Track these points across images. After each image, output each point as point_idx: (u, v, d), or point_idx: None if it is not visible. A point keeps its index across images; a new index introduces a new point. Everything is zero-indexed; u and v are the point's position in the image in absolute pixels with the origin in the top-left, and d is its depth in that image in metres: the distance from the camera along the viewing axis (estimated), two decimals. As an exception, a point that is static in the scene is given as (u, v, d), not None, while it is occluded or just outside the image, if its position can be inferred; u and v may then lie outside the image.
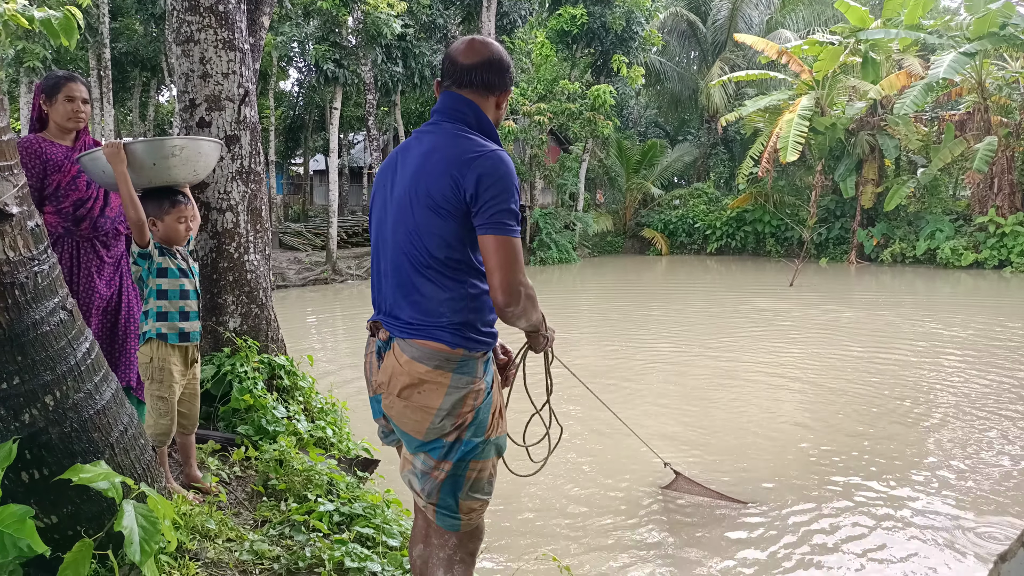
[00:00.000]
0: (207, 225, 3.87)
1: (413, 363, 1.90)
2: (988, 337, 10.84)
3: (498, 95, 2.01)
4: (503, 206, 1.84)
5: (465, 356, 1.91)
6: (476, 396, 1.93)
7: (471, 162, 1.85)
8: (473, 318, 1.92)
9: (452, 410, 1.90)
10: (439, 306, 1.90)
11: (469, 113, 1.97)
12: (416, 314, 1.92)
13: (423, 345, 1.90)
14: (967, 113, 21.75)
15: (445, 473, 1.93)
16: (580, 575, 3.73)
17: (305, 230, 24.52)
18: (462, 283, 1.91)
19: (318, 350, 10.17)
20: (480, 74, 1.97)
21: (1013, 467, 5.45)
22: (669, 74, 30.59)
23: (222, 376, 3.67)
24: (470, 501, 1.96)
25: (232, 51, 3.93)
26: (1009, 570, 1.04)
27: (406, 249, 1.92)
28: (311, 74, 25.40)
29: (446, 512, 1.96)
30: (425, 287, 1.90)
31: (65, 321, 2.15)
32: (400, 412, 1.94)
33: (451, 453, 1.92)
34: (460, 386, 1.90)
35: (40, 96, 3.24)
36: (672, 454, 5.48)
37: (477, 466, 1.95)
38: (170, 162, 2.85)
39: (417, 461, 1.97)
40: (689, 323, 12.95)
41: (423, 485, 1.96)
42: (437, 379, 1.89)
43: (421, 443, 1.94)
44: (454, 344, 1.89)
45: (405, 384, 1.92)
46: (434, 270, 1.89)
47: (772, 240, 26.01)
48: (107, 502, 2.13)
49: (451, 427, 1.90)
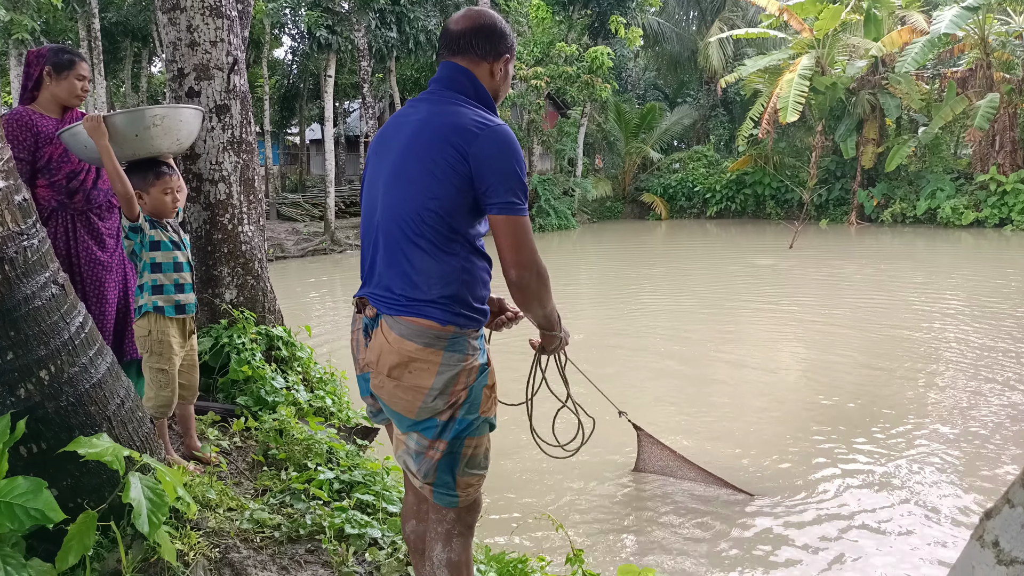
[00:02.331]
0: (199, 197, 3.84)
1: (402, 341, 1.86)
2: (991, 296, 10.84)
3: (491, 61, 1.97)
4: (512, 185, 1.83)
5: (456, 333, 1.86)
6: (469, 374, 1.88)
7: (476, 136, 1.81)
8: (464, 293, 1.88)
9: (444, 389, 1.86)
10: (429, 278, 1.85)
11: (466, 81, 1.94)
12: (406, 287, 1.87)
13: (412, 322, 1.86)
14: (969, 70, 21.47)
15: (440, 452, 1.89)
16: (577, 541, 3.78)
17: (302, 200, 24.42)
18: (455, 254, 1.86)
19: (317, 320, 10.19)
20: (470, 39, 1.95)
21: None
22: (668, 35, 30.15)
23: (220, 348, 3.68)
24: (467, 477, 1.93)
25: (219, 18, 3.86)
26: (995, 527, 1.04)
27: (399, 218, 1.87)
28: (304, 41, 25.02)
29: (444, 491, 1.92)
30: (417, 257, 1.85)
31: (57, 295, 2.15)
32: (391, 392, 1.90)
33: (445, 432, 1.88)
34: (452, 364, 1.86)
35: (44, 67, 3.21)
36: (669, 421, 5.52)
37: (472, 443, 1.92)
38: (152, 132, 2.81)
39: (410, 441, 1.93)
40: (689, 287, 12.96)
41: (418, 466, 1.92)
42: (428, 357, 1.85)
43: (413, 422, 1.89)
44: (444, 321, 1.85)
45: (394, 363, 1.87)
46: (427, 239, 1.84)
47: (772, 202, 25.89)
48: (108, 474, 2.15)
49: (444, 406, 1.86)
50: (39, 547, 1.97)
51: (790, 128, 24.74)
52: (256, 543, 2.44)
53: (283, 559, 2.42)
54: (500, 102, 2.08)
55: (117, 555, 2.06)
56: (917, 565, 3.61)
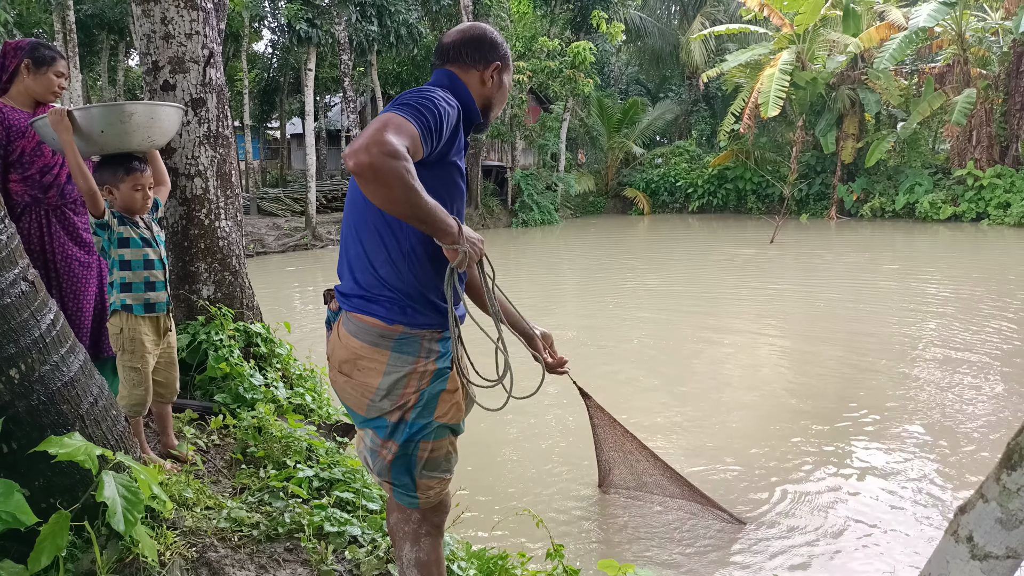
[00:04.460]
0: (176, 192, 3.79)
1: (350, 337, 1.83)
2: (970, 289, 10.99)
3: (481, 69, 2.00)
4: (406, 99, 1.70)
5: (405, 334, 1.80)
6: (422, 377, 1.81)
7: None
8: (419, 288, 1.81)
9: (391, 391, 1.80)
10: (380, 267, 1.80)
11: (446, 80, 1.98)
12: (360, 278, 1.83)
13: (359, 319, 1.82)
14: (947, 66, 21.73)
15: (392, 454, 1.84)
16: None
17: (283, 195, 24.18)
18: (405, 240, 1.79)
19: (297, 316, 10.12)
20: (460, 49, 2.00)
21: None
22: (650, 30, 30.23)
23: (197, 345, 3.63)
24: (427, 480, 1.88)
25: (195, 10, 3.80)
26: (969, 522, 1.05)
27: (359, 206, 1.86)
28: (284, 35, 24.79)
29: (403, 491, 1.89)
30: (369, 243, 1.81)
31: (27, 292, 2.10)
32: (342, 388, 1.89)
33: (396, 434, 1.83)
34: (399, 366, 1.80)
35: (23, 61, 3.14)
36: (651, 415, 5.53)
37: (428, 446, 1.85)
38: (120, 128, 2.74)
39: (366, 438, 1.90)
40: (670, 281, 13.01)
41: (373, 463, 1.90)
42: (373, 356, 1.80)
43: (364, 420, 1.87)
44: (390, 320, 1.79)
45: (343, 359, 1.85)
46: (374, 225, 1.80)
47: (753, 197, 26.07)
48: (81, 474, 2.11)
49: (392, 407, 1.81)
50: (11, 548, 1.93)
51: (771, 123, 24.93)
52: (234, 542, 2.41)
53: (261, 558, 2.40)
54: (497, 112, 2.08)
55: (91, 555, 2.03)
56: (893, 566, 3.63)
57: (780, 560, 3.61)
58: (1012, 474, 1.05)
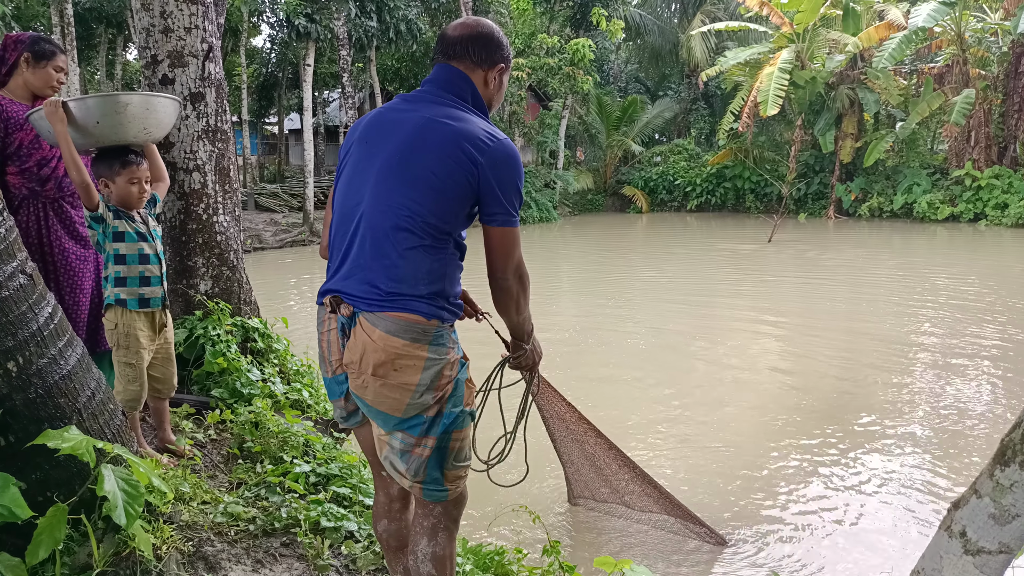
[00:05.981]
0: (174, 186, 3.78)
1: (388, 338, 1.83)
2: (966, 288, 11.01)
3: (486, 69, 2.00)
4: (513, 200, 1.92)
5: (439, 327, 1.88)
6: (452, 367, 1.90)
7: (487, 148, 1.85)
8: (447, 288, 1.90)
9: (432, 384, 1.86)
10: (418, 273, 1.84)
11: (464, 87, 1.97)
12: (391, 282, 1.84)
13: (398, 317, 1.83)
14: (946, 66, 21.73)
15: (430, 449, 1.89)
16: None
17: (281, 191, 24.13)
18: (444, 251, 1.88)
19: (295, 312, 10.11)
20: (467, 46, 1.98)
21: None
22: (649, 27, 30.19)
23: (194, 340, 3.63)
24: (455, 470, 1.94)
25: (194, 4, 3.79)
26: (962, 517, 1.05)
27: (392, 211, 1.84)
28: (283, 29, 24.75)
29: (434, 487, 1.92)
30: (408, 252, 1.84)
31: (25, 285, 2.10)
32: (376, 392, 1.86)
33: (434, 428, 1.88)
34: (437, 358, 1.86)
35: (23, 54, 3.14)
36: (648, 412, 5.53)
37: (459, 436, 1.93)
38: (116, 119, 2.71)
39: (394, 441, 1.91)
40: (668, 279, 13.02)
41: (407, 464, 1.91)
42: (415, 353, 1.84)
43: (399, 421, 1.88)
44: (430, 315, 1.85)
45: (380, 361, 1.83)
46: (420, 235, 1.83)
47: (752, 196, 26.07)
48: (78, 467, 2.11)
49: (433, 401, 1.87)
50: (8, 541, 1.93)
51: (770, 122, 24.93)
52: (230, 536, 2.42)
53: (258, 552, 2.40)
54: (493, 111, 2.10)
55: (88, 549, 2.03)
56: (887, 562, 3.65)
57: (774, 553, 3.63)
58: (1005, 470, 1.06)
